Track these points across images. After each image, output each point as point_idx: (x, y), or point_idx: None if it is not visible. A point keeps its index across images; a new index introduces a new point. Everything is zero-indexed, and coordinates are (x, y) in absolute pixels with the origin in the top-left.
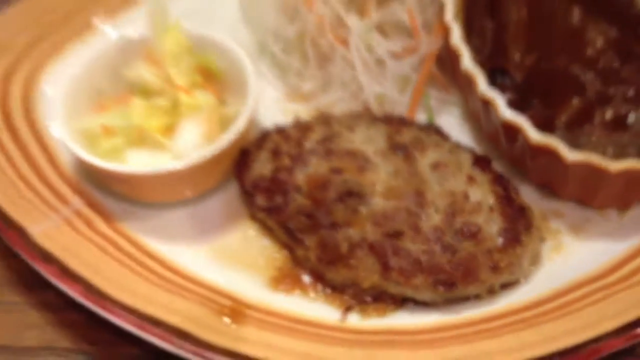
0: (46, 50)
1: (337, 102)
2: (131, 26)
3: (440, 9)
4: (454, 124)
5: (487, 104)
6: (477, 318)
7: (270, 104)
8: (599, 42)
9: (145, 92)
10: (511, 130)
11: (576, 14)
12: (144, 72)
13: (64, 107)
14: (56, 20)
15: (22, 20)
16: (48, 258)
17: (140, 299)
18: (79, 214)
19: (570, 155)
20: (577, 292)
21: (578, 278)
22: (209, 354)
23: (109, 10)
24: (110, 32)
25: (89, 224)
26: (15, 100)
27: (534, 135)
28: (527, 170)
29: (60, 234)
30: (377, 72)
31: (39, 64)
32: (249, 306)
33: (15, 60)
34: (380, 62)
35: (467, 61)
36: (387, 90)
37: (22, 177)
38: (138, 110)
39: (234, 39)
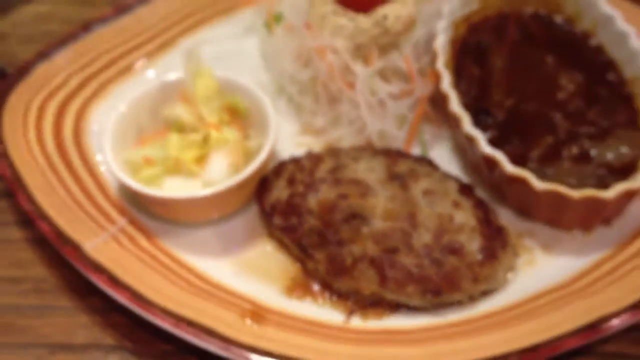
0: (93, 89)
1: (344, 137)
2: (166, 68)
3: (433, 58)
4: (444, 156)
5: (470, 140)
6: (459, 320)
7: (287, 138)
8: (570, 87)
9: (180, 128)
10: (490, 163)
11: (550, 63)
12: (180, 111)
13: (111, 141)
14: (102, 64)
15: (73, 63)
16: (99, 269)
17: (176, 303)
18: (123, 231)
19: (539, 184)
20: (543, 299)
21: (545, 287)
22: (234, 349)
23: (148, 55)
24: (149, 75)
25: (132, 240)
26: (67, 133)
27: (509, 167)
28: (504, 196)
29: (109, 249)
30: (379, 112)
31: (88, 101)
32: (268, 310)
33: (67, 97)
34: (381, 103)
35: (455, 104)
36: (387, 127)
37: (76, 200)
38: (174, 144)
39: (256, 81)
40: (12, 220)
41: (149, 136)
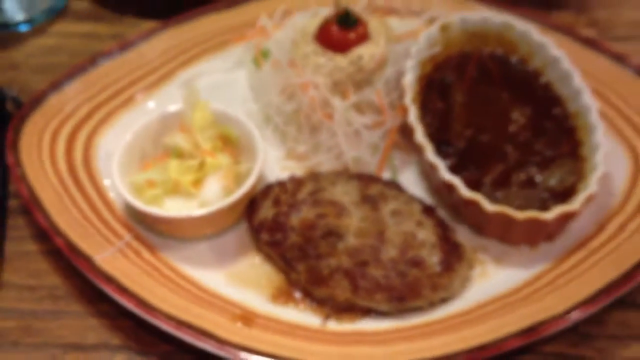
0: (100, 118)
1: (324, 162)
2: (165, 98)
3: (402, 94)
4: (411, 180)
5: (433, 167)
6: (420, 324)
7: (273, 163)
8: (521, 120)
9: (179, 154)
10: (449, 187)
11: (505, 98)
12: (179, 139)
13: (118, 165)
14: (108, 95)
15: (82, 94)
16: (108, 278)
17: (177, 309)
18: (129, 245)
19: (489, 207)
20: (492, 305)
21: (495, 295)
22: (227, 348)
23: (149, 86)
24: (149, 105)
25: (137, 253)
26: (77, 157)
27: (465, 191)
28: (461, 216)
29: (117, 261)
30: (354, 140)
31: (95, 129)
32: (256, 315)
33: (77, 126)
34: (356, 133)
35: (420, 135)
36: (362, 154)
37: (86, 218)
38: (174, 168)
39: (245, 111)
40: (28, 234)
41: (151, 161)
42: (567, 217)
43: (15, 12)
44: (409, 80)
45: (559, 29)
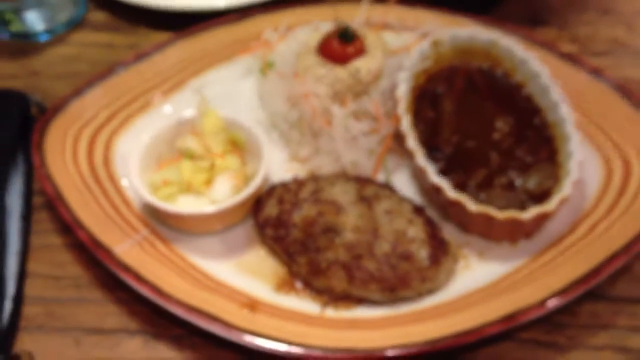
0: (118, 123)
1: (324, 165)
2: (178, 105)
3: (396, 103)
4: (404, 182)
5: (422, 171)
6: (409, 312)
7: (277, 165)
8: (504, 129)
9: (191, 156)
10: (437, 189)
11: (489, 108)
12: (191, 143)
13: (137, 165)
14: (125, 101)
15: (102, 100)
16: (126, 268)
17: (188, 296)
18: (146, 239)
19: (473, 207)
20: (475, 296)
21: (477, 286)
22: (234, 332)
23: (163, 93)
24: (165, 109)
25: (153, 246)
26: (98, 158)
27: (451, 193)
28: (448, 215)
29: (134, 252)
30: (352, 145)
31: (114, 133)
32: (260, 302)
33: (97, 129)
34: (354, 138)
35: (411, 141)
36: (359, 158)
37: (106, 213)
38: (186, 169)
39: (253, 117)
40: (52, 228)
41: (166, 162)
42: (543, 217)
43: (36, 23)
44: (403, 91)
45: (542, 44)
